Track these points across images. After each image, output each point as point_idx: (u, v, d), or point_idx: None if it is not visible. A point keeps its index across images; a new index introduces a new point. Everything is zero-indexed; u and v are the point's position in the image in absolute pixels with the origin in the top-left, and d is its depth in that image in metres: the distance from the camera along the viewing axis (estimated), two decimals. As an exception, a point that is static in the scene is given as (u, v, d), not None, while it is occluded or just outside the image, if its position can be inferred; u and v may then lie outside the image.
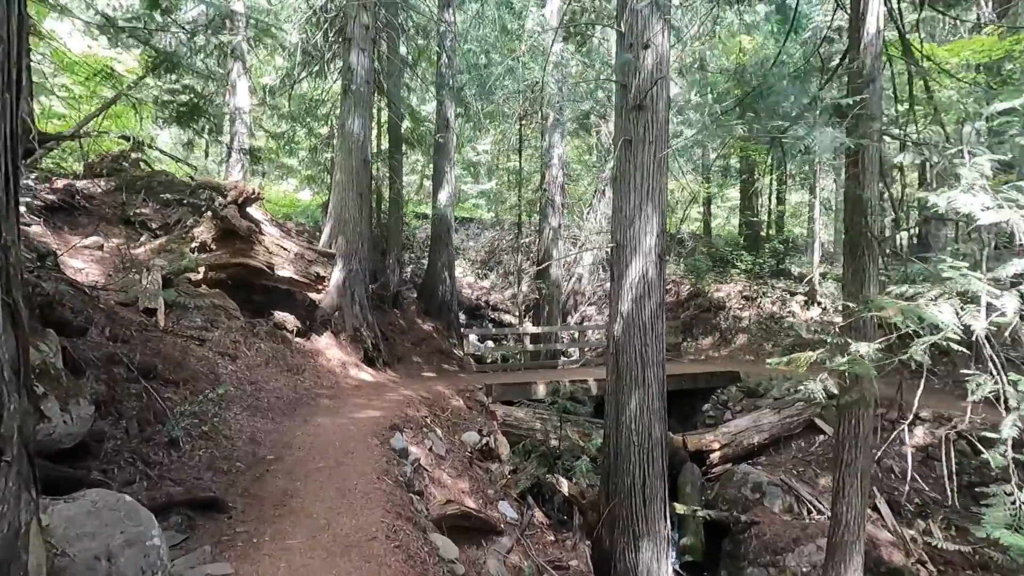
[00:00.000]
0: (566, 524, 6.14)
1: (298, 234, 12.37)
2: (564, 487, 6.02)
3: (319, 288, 8.59)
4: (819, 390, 3.71)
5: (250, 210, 8.04)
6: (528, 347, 11.95)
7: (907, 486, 6.65)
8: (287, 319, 7.75)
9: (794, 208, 18.11)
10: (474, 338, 13.81)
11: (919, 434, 7.90)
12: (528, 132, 16.66)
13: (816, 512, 7.19)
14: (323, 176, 15.65)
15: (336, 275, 8.94)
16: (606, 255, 15.88)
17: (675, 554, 6.51)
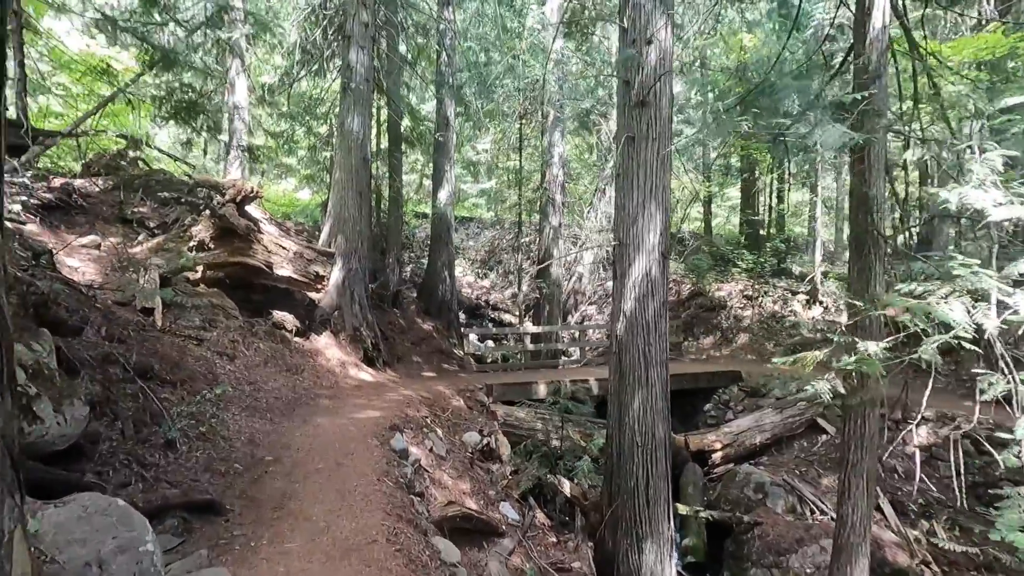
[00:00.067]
0: (568, 525, 6.08)
1: (297, 233, 12.30)
2: (566, 488, 5.96)
3: (318, 287, 8.53)
4: (826, 390, 3.65)
5: (249, 209, 7.98)
6: (528, 347, 11.90)
7: (915, 486, 6.60)
8: (286, 318, 7.69)
9: (794, 207, 18.06)
10: (474, 338, 13.75)
11: (922, 434, 7.85)
12: (528, 131, 16.60)
13: (819, 512, 7.14)
14: (322, 175, 15.59)
15: (335, 274, 8.87)
16: (607, 254, 15.83)
17: (677, 555, 6.46)
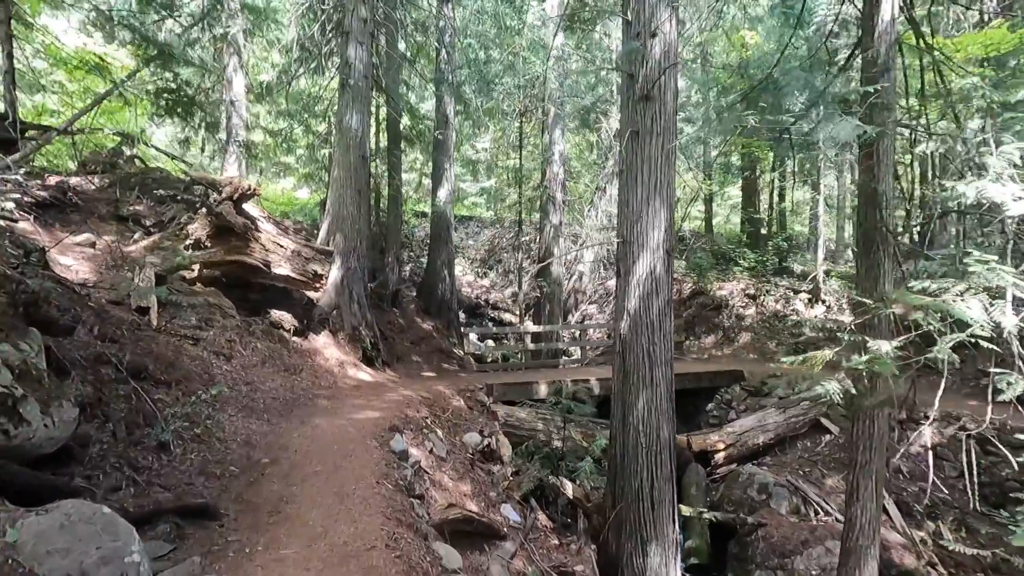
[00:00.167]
0: (570, 527, 5.99)
1: (296, 232, 12.21)
2: (568, 490, 5.87)
3: (317, 286, 8.43)
4: (836, 391, 3.57)
5: (246, 207, 7.87)
6: (529, 346, 11.81)
7: (928, 487, 6.52)
8: (284, 318, 7.59)
9: (795, 206, 17.99)
10: (474, 337, 13.66)
11: (926, 433, 7.78)
12: (528, 129, 16.51)
13: (824, 513, 7.06)
14: (321, 174, 15.49)
15: (334, 273, 8.77)
16: (608, 253, 15.74)
17: (680, 557, 6.38)
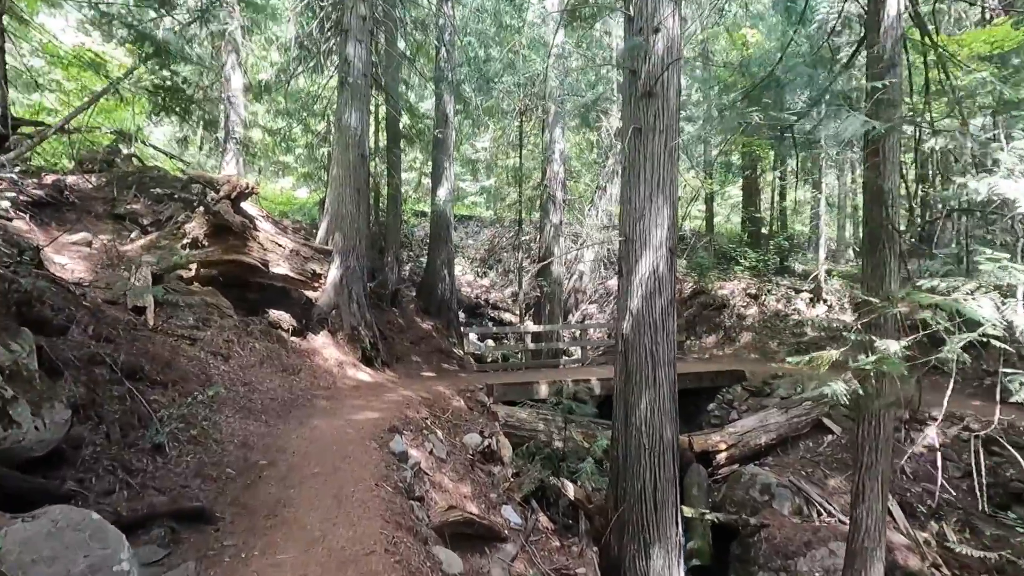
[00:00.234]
0: (571, 529, 5.93)
1: (294, 231, 12.14)
2: (570, 491, 5.81)
3: (315, 286, 8.36)
4: (842, 391, 3.51)
5: (244, 205, 7.81)
6: (529, 346, 11.75)
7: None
8: (282, 317, 7.52)
9: (795, 205, 17.93)
10: (474, 337, 13.60)
11: (929, 434, 7.73)
12: (528, 128, 16.44)
13: (826, 514, 7.01)
14: (320, 173, 15.41)
15: (333, 272, 8.71)
16: (608, 252, 15.68)
17: (683, 559, 6.32)
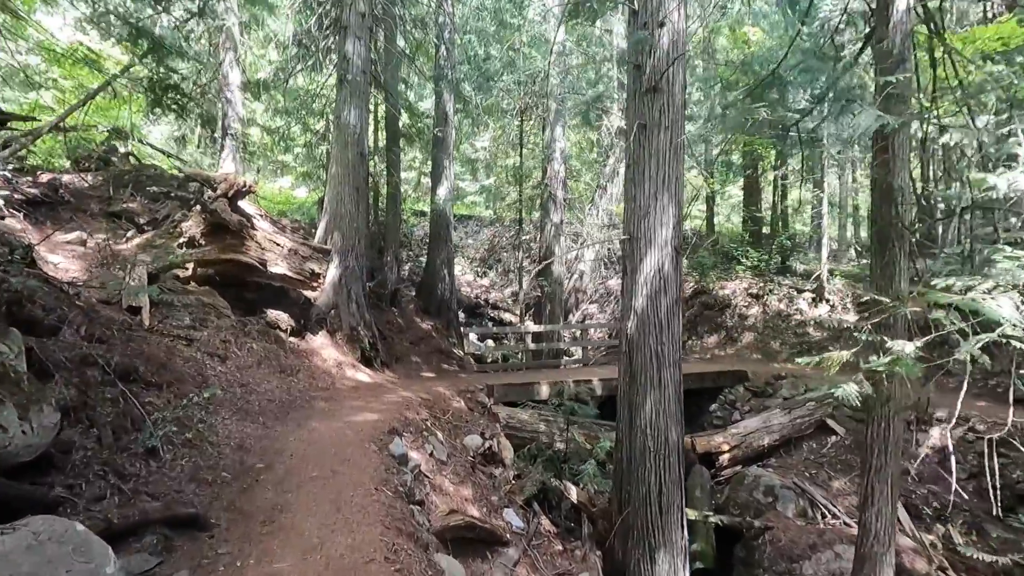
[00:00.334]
0: (574, 532, 5.84)
1: (293, 230, 12.04)
2: (573, 494, 5.72)
3: (314, 285, 8.26)
4: (853, 394, 3.42)
5: (242, 204, 7.71)
6: (530, 346, 11.66)
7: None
8: (280, 318, 7.43)
9: (796, 205, 17.86)
10: (474, 337, 13.51)
11: (935, 435, 7.66)
12: (528, 127, 16.35)
13: (831, 516, 6.94)
14: (319, 172, 15.32)
15: (332, 272, 8.61)
16: (608, 252, 15.60)
17: (689, 564, 6.24)
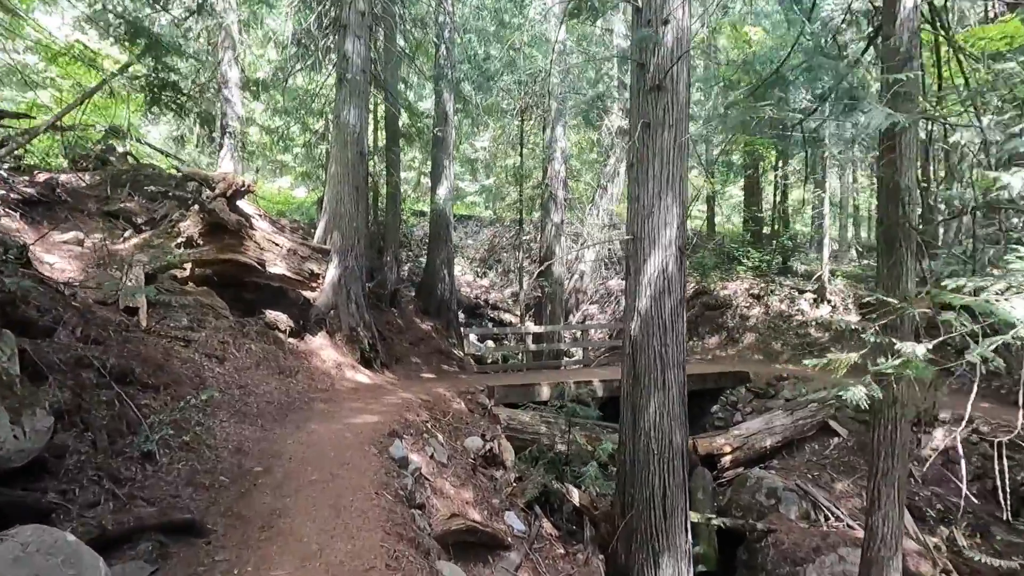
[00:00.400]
0: (576, 535, 5.78)
1: (292, 230, 11.97)
2: (575, 496, 5.66)
3: (313, 286, 8.20)
4: (861, 396, 3.37)
5: (241, 204, 7.65)
6: (530, 347, 11.60)
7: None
8: (279, 318, 7.36)
9: (797, 205, 17.82)
10: (474, 338, 13.46)
11: (938, 436, 7.62)
12: (528, 127, 16.30)
13: (834, 519, 6.89)
14: (318, 172, 15.26)
15: (331, 272, 8.55)
16: (609, 252, 15.55)
17: (693, 568, 6.19)
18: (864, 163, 13.61)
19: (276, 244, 7.61)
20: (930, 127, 4.91)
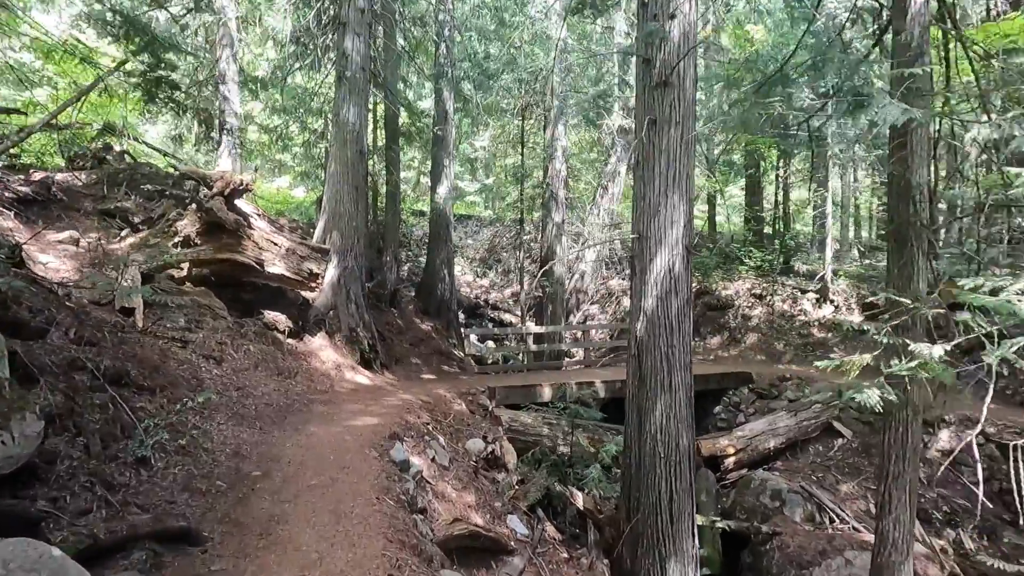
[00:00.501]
0: (579, 539, 5.70)
1: (291, 230, 11.87)
2: (579, 500, 5.57)
3: (312, 286, 8.10)
4: (875, 399, 3.29)
5: (239, 203, 7.55)
6: (531, 347, 11.52)
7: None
8: (278, 319, 7.27)
9: (798, 205, 17.76)
10: (475, 338, 13.37)
11: (944, 438, 7.55)
12: (528, 126, 16.21)
13: (839, 521, 6.82)
14: (317, 172, 15.17)
15: (331, 272, 8.46)
16: (609, 252, 15.47)
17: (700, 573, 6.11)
18: (866, 162, 13.54)
19: (275, 244, 7.51)
20: (939, 124, 4.81)
